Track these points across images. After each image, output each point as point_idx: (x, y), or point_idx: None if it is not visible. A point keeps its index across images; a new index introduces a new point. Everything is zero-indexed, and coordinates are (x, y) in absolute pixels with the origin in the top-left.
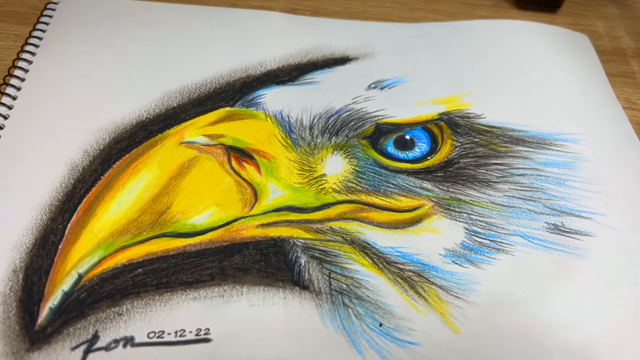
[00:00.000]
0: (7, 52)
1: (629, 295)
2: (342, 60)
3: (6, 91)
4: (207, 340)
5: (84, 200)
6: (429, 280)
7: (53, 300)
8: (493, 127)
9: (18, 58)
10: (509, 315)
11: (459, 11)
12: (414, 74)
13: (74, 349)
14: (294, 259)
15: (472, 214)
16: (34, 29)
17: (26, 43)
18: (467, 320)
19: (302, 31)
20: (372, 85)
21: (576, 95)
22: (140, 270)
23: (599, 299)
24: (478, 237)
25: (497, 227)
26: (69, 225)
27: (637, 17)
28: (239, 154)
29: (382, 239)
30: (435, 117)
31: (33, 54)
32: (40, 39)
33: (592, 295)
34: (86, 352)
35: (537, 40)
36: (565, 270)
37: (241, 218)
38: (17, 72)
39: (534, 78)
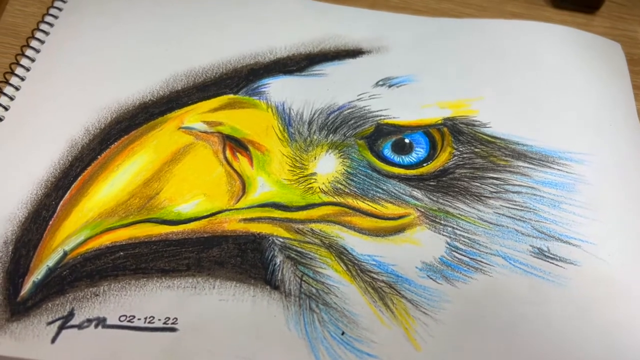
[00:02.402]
0: (30, 19)
1: (604, 330)
2: (354, 53)
3: (21, 62)
4: (173, 330)
5: (79, 178)
6: (400, 293)
7: (37, 274)
8: (497, 138)
9: (37, 29)
10: (474, 337)
11: (488, 5)
12: (425, 73)
13: (49, 323)
14: (270, 258)
15: (457, 229)
16: (52, 6)
17: (46, 14)
18: (431, 338)
19: (318, 18)
20: (380, 83)
21: (592, 111)
22: (121, 253)
23: (571, 331)
24: (458, 253)
25: (480, 245)
26: (61, 202)
27: None
28: (235, 144)
29: (361, 246)
30: (439, 121)
31: (51, 25)
32: (60, 9)
33: (564, 327)
34: (60, 328)
35: (562, 46)
36: (540, 298)
37: (226, 210)
38: (33, 44)
39: (551, 88)
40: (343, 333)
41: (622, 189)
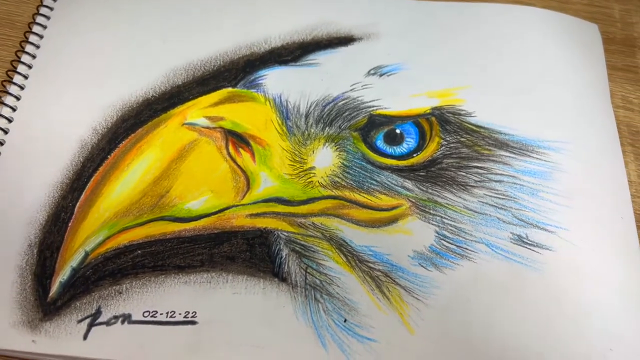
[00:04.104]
0: (24, 7)
1: (574, 311)
2: (346, 40)
3: (22, 59)
4: (193, 323)
5: (92, 179)
6: (395, 281)
7: (63, 275)
8: (481, 127)
9: (34, 22)
10: (461, 321)
11: None
12: (414, 61)
13: (79, 321)
14: (276, 251)
15: (444, 218)
16: None
17: (41, 5)
18: (423, 322)
19: (309, 3)
20: (372, 72)
21: (569, 99)
22: (139, 251)
23: (545, 313)
24: (446, 241)
25: (465, 232)
26: (77, 204)
27: None
28: (237, 139)
29: (358, 237)
30: (428, 111)
31: (47, 17)
32: (54, 0)
33: (539, 309)
34: (90, 326)
35: (544, 30)
36: (517, 283)
37: (233, 206)
38: (32, 39)
39: (532, 75)
40: (345, 320)
41: (593, 175)
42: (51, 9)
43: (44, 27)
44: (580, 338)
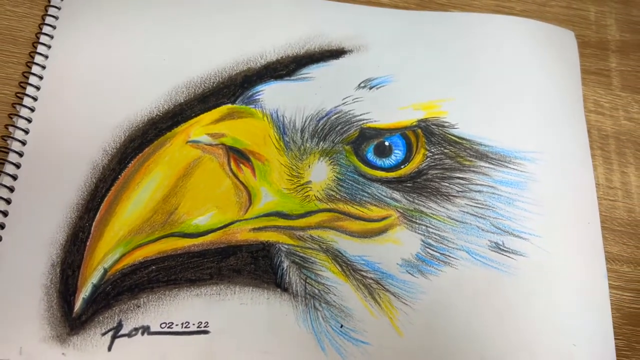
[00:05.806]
0: (24, 21)
1: (542, 311)
2: (337, 53)
3: (30, 80)
4: (206, 332)
5: (105, 199)
6: (385, 288)
7: (85, 291)
8: (463, 139)
9: (38, 42)
10: (444, 324)
11: None
12: (402, 73)
13: (103, 334)
14: (278, 263)
15: (429, 227)
16: (47, 14)
17: (43, 23)
18: (410, 326)
19: (303, 14)
20: (362, 85)
21: (545, 110)
22: (153, 267)
23: (517, 313)
24: (431, 249)
25: (448, 241)
26: (94, 224)
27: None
28: (237, 155)
29: (352, 248)
30: (414, 123)
31: (51, 36)
32: (56, 18)
33: (512, 310)
34: (113, 338)
35: (522, 40)
36: (494, 287)
37: (237, 221)
38: (37, 59)
39: (511, 86)
40: (342, 326)
41: (564, 183)
42: (54, 27)
43: (49, 46)
44: (548, 335)
